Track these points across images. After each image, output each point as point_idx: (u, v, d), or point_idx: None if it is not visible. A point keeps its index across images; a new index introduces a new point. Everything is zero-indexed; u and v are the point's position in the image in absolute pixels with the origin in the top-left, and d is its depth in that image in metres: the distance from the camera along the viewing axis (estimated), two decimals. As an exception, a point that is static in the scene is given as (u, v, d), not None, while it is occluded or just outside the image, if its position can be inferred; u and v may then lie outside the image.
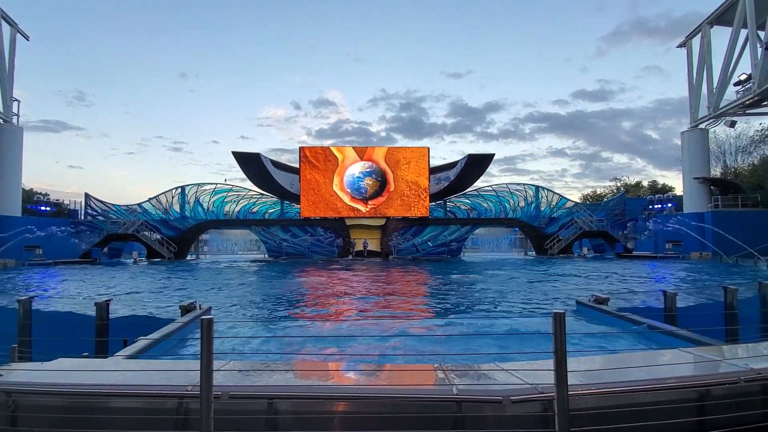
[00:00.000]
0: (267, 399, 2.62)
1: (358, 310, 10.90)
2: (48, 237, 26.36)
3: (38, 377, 3.04)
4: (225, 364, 3.18)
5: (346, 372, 3.59)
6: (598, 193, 56.77)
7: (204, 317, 2.39)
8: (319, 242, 33.40)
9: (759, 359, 3.31)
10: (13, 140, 27.14)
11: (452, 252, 33.71)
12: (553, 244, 32.60)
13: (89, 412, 2.71)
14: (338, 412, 2.66)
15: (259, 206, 34.54)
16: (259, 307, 11.31)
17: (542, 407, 2.56)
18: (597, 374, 2.87)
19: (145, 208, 33.27)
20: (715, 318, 7.26)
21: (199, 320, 2.48)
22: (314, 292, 14.18)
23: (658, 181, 53.04)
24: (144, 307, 10.06)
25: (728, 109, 26.65)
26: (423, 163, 33.32)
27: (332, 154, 33.40)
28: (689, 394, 2.74)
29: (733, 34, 25.68)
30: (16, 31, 27.50)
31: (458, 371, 3.08)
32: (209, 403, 2.32)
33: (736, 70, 26.09)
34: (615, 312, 7.74)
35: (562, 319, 2.37)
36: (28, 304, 6.71)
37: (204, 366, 2.33)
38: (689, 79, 30.25)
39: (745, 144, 38.03)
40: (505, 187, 35.54)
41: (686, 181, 30.15)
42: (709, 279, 15.67)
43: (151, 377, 3.13)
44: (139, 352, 4.98)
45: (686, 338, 5.64)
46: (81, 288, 14.96)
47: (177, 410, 2.64)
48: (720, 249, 24.78)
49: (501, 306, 10.92)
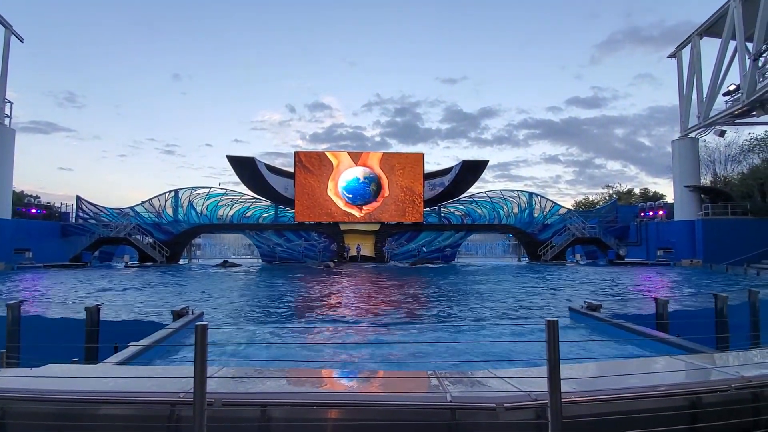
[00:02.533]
0: (260, 406, 2.61)
1: (352, 316, 10.87)
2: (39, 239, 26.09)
3: (27, 383, 3.00)
4: (218, 371, 3.16)
5: (340, 379, 3.58)
6: (590, 200, 57.29)
7: (198, 323, 2.37)
8: (313, 247, 33.29)
9: (749, 367, 3.35)
10: (5, 142, 26.83)
11: (446, 258, 33.75)
12: (546, 250, 32.79)
13: (79, 419, 2.68)
14: (332, 419, 2.65)
15: (254, 210, 34.40)
16: (252, 313, 11.23)
17: (535, 414, 2.57)
18: (590, 381, 2.88)
19: (138, 211, 32.97)
20: (706, 325, 7.33)
21: (190, 326, 2.46)
22: (307, 298, 14.11)
23: (651, 189, 53.68)
24: (134, 312, 9.96)
25: (718, 118, 27.09)
26: (418, 169, 33.43)
27: (327, 158, 33.42)
28: (680, 402, 2.76)
29: (722, 46, 26.17)
30: (10, 33, 27.28)
31: (452, 378, 3.08)
32: (203, 410, 2.30)
33: (725, 80, 26.59)
34: (607, 319, 7.79)
35: (556, 327, 2.39)
36: (17, 310, 6.62)
37: (198, 372, 2.31)
38: (680, 89, 30.75)
39: (735, 152, 38.61)
40: (499, 193, 35.73)
41: (677, 189, 30.53)
42: (701, 286, 15.83)
43: (142, 384, 3.09)
44: (130, 358, 4.92)
45: (677, 345, 5.69)
46: (70, 292, 14.76)
47: (169, 417, 2.61)
48: (710, 257, 25.09)
49: (495, 313, 10.94)
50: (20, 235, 26.66)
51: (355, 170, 33.28)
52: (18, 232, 26.83)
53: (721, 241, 25.79)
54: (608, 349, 6.33)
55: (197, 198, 33.89)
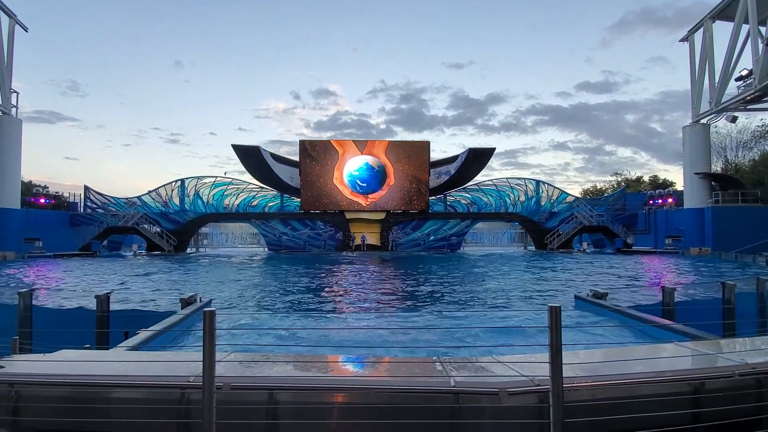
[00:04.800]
0: (268, 390, 2.66)
1: (358, 302, 10.96)
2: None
3: (41, 368, 3.08)
4: (226, 356, 3.22)
5: (345, 364, 3.64)
6: (598, 188, 56.75)
7: (206, 309, 2.42)
8: (318, 236, 33.44)
9: (754, 353, 3.35)
10: (13, 132, 27.05)
11: (452, 246, 33.78)
12: (552, 238, 32.69)
13: (92, 402, 2.75)
14: (337, 403, 2.71)
15: (259, 199, 34.54)
16: (260, 300, 11.36)
17: (538, 399, 2.60)
18: (592, 367, 2.91)
19: (145, 201, 33.26)
20: (713, 314, 7.31)
21: (199, 313, 2.51)
22: (315, 286, 14.24)
23: (661, 176, 53.03)
24: (144, 299, 10.12)
25: (729, 104, 26.59)
26: (423, 157, 33.29)
27: (332, 147, 33.35)
28: (683, 388, 2.78)
29: (734, 30, 25.54)
30: (14, 23, 27.30)
31: (456, 364, 3.12)
32: (211, 394, 2.35)
33: (737, 65, 26.02)
34: (613, 306, 7.80)
35: (558, 313, 2.40)
36: (29, 298, 6.76)
37: (206, 357, 2.37)
38: (691, 74, 30.14)
39: (746, 139, 37.95)
40: (505, 181, 35.54)
41: (687, 176, 30.15)
42: (708, 274, 15.74)
43: (152, 368, 3.17)
44: (140, 344, 5.03)
45: (683, 333, 5.69)
46: (82, 281, 15.02)
47: (179, 401, 2.68)
48: (719, 245, 24.85)
49: (499, 299, 10.98)
50: (30, 225, 27.05)
51: (361, 159, 33.21)
52: (27, 222, 27.21)
53: (731, 229, 25.48)
54: (613, 336, 6.34)
55: (203, 187, 34.08)
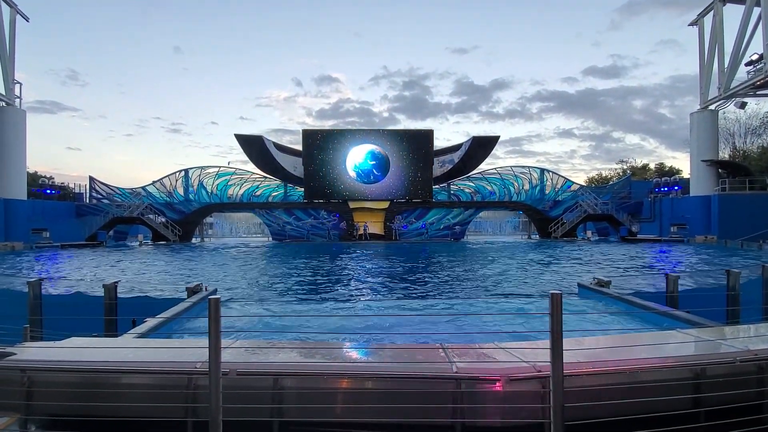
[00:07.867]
0: (273, 376, 2.71)
1: (362, 289, 11.04)
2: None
3: (52, 355, 3.15)
4: (232, 343, 3.28)
5: (349, 350, 3.68)
6: (603, 176, 56.33)
7: (211, 297, 2.45)
8: (322, 225, 33.53)
9: (757, 340, 3.36)
10: (17, 123, 27.15)
11: (456, 235, 33.79)
12: (557, 227, 32.59)
13: (102, 388, 2.82)
14: (341, 388, 2.75)
15: (263, 189, 34.60)
16: (265, 288, 11.47)
17: (539, 385, 2.63)
18: (594, 353, 2.93)
19: (149, 191, 33.41)
20: (717, 301, 7.30)
21: (204, 301, 2.55)
22: (319, 273, 14.33)
23: (668, 164, 52.49)
24: (152, 287, 10.25)
25: (739, 89, 26.14)
26: (427, 146, 33.12)
27: (335, 136, 33.24)
28: (684, 374, 2.80)
29: (745, 13, 24.98)
30: (15, 13, 27.19)
31: (458, 350, 3.15)
32: (218, 380, 2.40)
33: (748, 49, 25.50)
34: (616, 294, 7.80)
35: (559, 300, 2.41)
36: (38, 287, 6.86)
37: (212, 344, 2.41)
38: (700, 58, 29.59)
39: (755, 126, 37.40)
40: (509, 170, 35.33)
41: (694, 163, 29.81)
42: (713, 262, 15.68)
43: (160, 355, 3.23)
44: (148, 332, 5.11)
45: (686, 320, 5.71)
46: (92, 270, 15.20)
47: (186, 386, 2.74)
48: (725, 233, 24.67)
49: (501, 287, 11.01)
50: (36, 216, 27.31)
51: (364, 148, 33.09)
52: (34, 213, 27.47)
53: (737, 217, 25.27)
54: (616, 324, 6.37)
55: (207, 177, 34.15)
